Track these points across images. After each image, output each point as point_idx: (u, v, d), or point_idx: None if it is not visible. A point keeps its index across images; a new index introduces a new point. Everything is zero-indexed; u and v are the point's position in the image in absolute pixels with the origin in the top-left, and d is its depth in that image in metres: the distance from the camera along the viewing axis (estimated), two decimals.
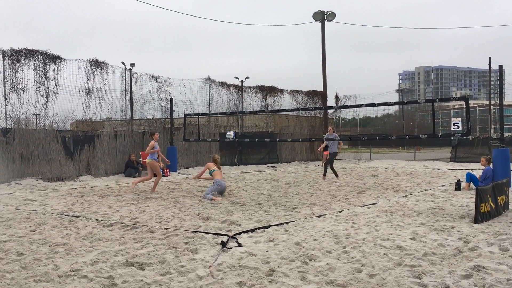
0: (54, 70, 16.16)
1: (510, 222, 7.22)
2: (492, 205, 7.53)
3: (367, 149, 33.13)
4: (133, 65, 21.30)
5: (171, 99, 19.34)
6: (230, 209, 8.95)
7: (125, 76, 19.12)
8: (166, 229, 6.97)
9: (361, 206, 9.14)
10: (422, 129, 68.48)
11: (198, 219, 7.84)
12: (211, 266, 4.99)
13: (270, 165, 22.68)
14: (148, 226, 7.22)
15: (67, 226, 7.35)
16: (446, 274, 4.66)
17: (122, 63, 20.42)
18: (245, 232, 6.68)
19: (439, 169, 19.03)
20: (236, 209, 8.96)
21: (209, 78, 22.19)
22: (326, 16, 29.25)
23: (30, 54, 15.54)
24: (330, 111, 29.08)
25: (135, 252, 5.64)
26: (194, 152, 20.89)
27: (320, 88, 28.59)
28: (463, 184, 11.59)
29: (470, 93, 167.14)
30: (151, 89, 19.88)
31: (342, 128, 32.65)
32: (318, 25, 29.43)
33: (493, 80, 58.02)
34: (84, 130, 17.34)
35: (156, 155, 12.13)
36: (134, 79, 19.48)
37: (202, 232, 6.71)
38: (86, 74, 17.24)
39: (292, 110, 22.41)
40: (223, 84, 22.97)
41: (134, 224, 7.39)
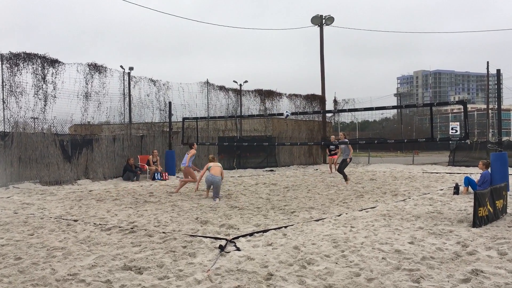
0: (53, 73, 16.14)
1: (509, 226, 7.22)
2: (490, 209, 7.54)
3: (366, 153, 33.10)
4: (131, 68, 21.32)
5: (170, 103, 19.34)
6: (229, 213, 8.94)
7: (123, 79, 19.11)
8: (164, 233, 6.96)
9: (359, 210, 9.14)
10: (420, 133, 68.49)
11: (196, 223, 7.83)
12: (209, 270, 4.98)
13: (268, 169, 22.66)
14: (146, 230, 7.21)
15: (65, 230, 7.34)
16: (445, 278, 4.66)
17: (121, 67, 20.43)
18: (243, 236, 6.67)
19: (438, 173, 19.05)
20: (234, 213, 8.95)
21: (207, 82, 22.21)
22: (324, 20, 29.35)
23: (29, 57, 15.53)
24: (328, 115, 29.10)
25: (133, 256, 5.63)
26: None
27: (318, 92, 28.65)
28: (462, 188, 11.60)
29: (468, 97, 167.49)
30: (150, 92, 19.87)
31: (341, 132, 32.60)
32: (317, 29, 29.54)
33: (491, 84, 58.14)
34: (82, 134, 17.32)
35: (191, 163, 13.01)
36: (132, 83, 19.47)
37: (200, 236, 6.70)
38: (84, 77, 17.22)
39: (290, 113, 22.40)
40: (222, 88, 22.98)
41: (132, 228, 7.38)
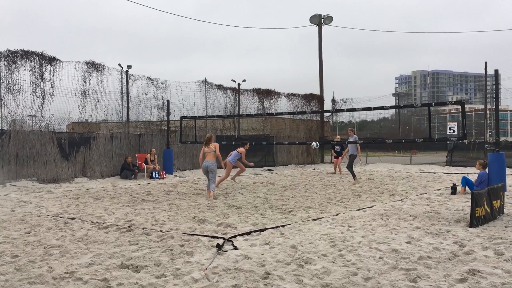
0: (51, 71, 16.12)
1: (506, 226, 7.24)
2: (487, 209, 7.55)
3: (363, 152, 33.10)
4: (129, 67, 21.28)
5: (168, 102, 19.33)
6: (226, 212, 8.94)
7: (121, 78, 19.11)
8: (161, 231, 6.95)
9: (357, 210, 9.14)
10: (418, 133, 68.60)
11: (194, 222, 7.83)
12: (207, 269, 4.98)
13: (266, 168, 22.65)
14: (143, 228, 7.20)
15: (62, 228, 7.33)
16: (441, 278, 4.67)
17: (119, 65, 20.40)
18: (241, 235, 6.67)
19: (435, 173, 19.07)
20: (232, 212, 8.95)
21: (205, 81, 22.20)
22: (323, 19, 29.36)
23: (27, 55, 15.49)
24: (326, 115, 29.12)
25: (131, 254, 5.62)
26: (190, 154, 20.87)
27: (317, 91, 28.67)
28: (459, 188, 11.61)
29: (466, 97, 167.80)
30: (148, 91, 19.86)
31: (339, 131, 32.66)
32: (316, 29, 29.55)
33: (489, 84, 58.25)
34: (80, 132, 17.29)
35: (235, 160, 13.48)
36: (130, 81, 19.46)
37: (197, 235, 6.70)
38: (82, 75, 17.20)
39: (288, 113, 22.45)
40: (220, 86, 22.97)
41: (130, 226, 7.37)
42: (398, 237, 6.55)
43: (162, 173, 17.23)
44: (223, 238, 6.34)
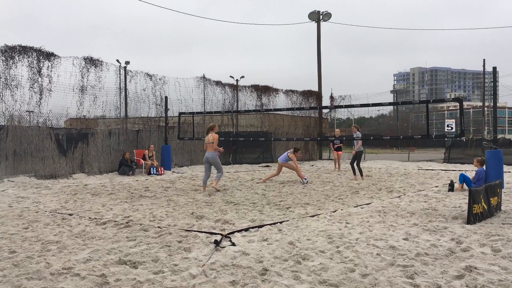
0: (48, 67, 16.07)
1: (503, 223, 7.26)
2: (484, 206, 7.57)
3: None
4: (127, 63, 21.25)
5: (166, 98, 19.30)
6: (224, 208, 8.94)
7: (119, 74, 19.05)
8: (159, 227, 6.95)
9: (354, 206, 9.16)
10: (416, 130, 68.73)
11: (191, 218, 7.83)
12: (204, 265, 4.99)
13: (264, 164, 22.67)
14: (141, 224, 7.20)
15: (60, 224, 7.32)
16: (439, 275, 4.68)
17: (117, 61, 20.37)
18: (238, 231, 6.68)
19: (433, 170, 19.10)
20: (230, 208, 8.95)
21: (204, 77, 22.16)
22: (321, 16, 29.31)
23: (24, 50, 15.45)
24: (325, 111, 29.12)
25: (128, 250, 5.63)
26: (188, 151, 20.87)
27: (315, 88, 28.64)
28: (456, 185, 11.64)
29: (464, 94, 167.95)
30: (146, 87, 19.83)
31: (337, 128, 32.69)
32: (314, 26, 29.51)
33: (487, 82, 58.31)
34: (78, 128, 17.27)
35: (284, 161, 14.19)
36: (128, 77, 19.42)
37: (195, 231, 6.70)
38: (80, 71, 17.16)
39: (287, 109, 22.40)
40: (218, 83, 22.94)
41: (128, 222, 7.37)
42: (396, 233, 6.56)
43: (160, 169, 17.23)
44: (221, 234, 6.35)
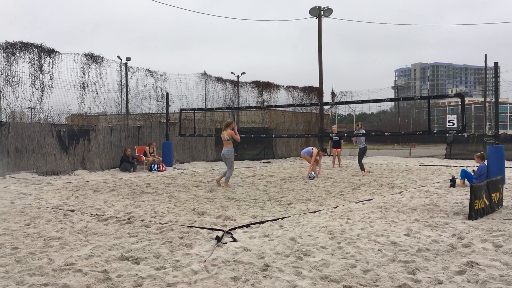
0: (49, 63, 16.07)
1: (504, 219, 7.26)
2: (486, 202, 7.57)
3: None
4: (128, 59, 21.20)
5: (167, 94, 19.29)
6: (225, 204, 8.95)
7: (120, 70, 19.05)
8: (161, 223, 6.97)
9: (356, 202, 9.16)
10: (418, 126, 68.56)
11: (193, 214, 7.84)
12: (206, 261, 5.00)
13: (265, 160, 22.68)
14: (143, 220, 7.21)
15: (62, 220, 7.34)
16: (440, 270, 4.68)
17: (118, 57, 20.34)
18: (240, 227, 6.69)
19: (434, 165, 19.10)
20: (231, 204, 8.96)
21: (205, 73, 22.14)
22: (322, 12, 29.25)
23: (25, 47, 15.44)
24: (326, 107, 29.12)
25: (130, 246, 5.64)
26: (189, 147, 20.88)
27: (316, 84, 28.60)
28: (458, 181, 11.63)
29: (466, 90, 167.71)
30: (147, 83, 19.82)
31: (338, 124, 32.64)
32: (316, 22, 29.44)
33: (488, 77, 58.20)
34: (79, 124, 17.28)
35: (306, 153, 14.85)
36: (129, 74, 19.41)
37: (197, 227, 6.71)
38: (81, 68, 17.15)
39: (288, 106, 22.41)
40: (219, 79, 22.91)
41: (129, 218, 7.39)
42: (397, 229, 6.56)
43: (161, 165, 17.24)
44: (223, 230, 6.36)
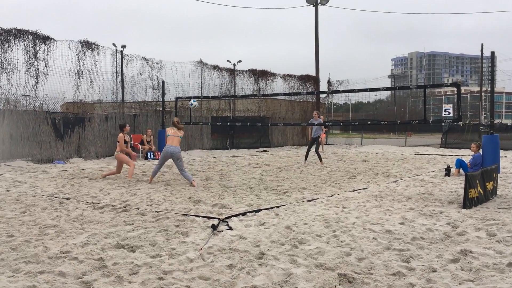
0: (44, 50, 15.94)
1: (498, 208, 7.31)
2: (480, 191, 7.61)
3: (359, 134, 33.22)
4: (124, 46, 21.08)
5: (163, 82, 19.18)
6: (221, 192, 8.97)
7: (116, 58, 18.93)
8: (157, 212, 6.98)
9: (351, 191, 9.19)
10: (414, 115, 68.73)
11: (189, 202, 7.85)
12: (202, 249, 5.01)
13: (261, 149, 22.68)
14: (139, 209, 7.22)
15: (58, 208, 7.33)
16: (434, 258, 4.72)
17: (113, 45, 20.20)
18: (236, 215, 6.71)
19: (430, 155, 19.16)
20: (227, 192, 8.98)
21: (201, 61, 22.03)
22: (319, 0, 29.08)
23: (20, 34, 15.30)
24: (322, 96, 29.07)
25: (126, 234, 5.65)
26: (185, 135, 20.77)
27: (313, 73, 28.54)
28: (453, 170, 11.68)
29: (462, 79, 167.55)
30: (143, 71, 19.71)
31: (334, 113, 32.67)
32: (313, 10, 29.28)
33: (484, 67, 58.21)
34: (74, 112, 17.20)
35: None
36: (125, 61, 19.29)
37: (193, 215, 6.72)
38: (76, 55, 17.02)
39: (284, 94, 22.34)
40: (215, 67, 22.81)
41: (125, 206, 7.39)
42: (392, 218, 6.60)
43: (157, 153, 17.20)
44: (218, 219, 6.38)
